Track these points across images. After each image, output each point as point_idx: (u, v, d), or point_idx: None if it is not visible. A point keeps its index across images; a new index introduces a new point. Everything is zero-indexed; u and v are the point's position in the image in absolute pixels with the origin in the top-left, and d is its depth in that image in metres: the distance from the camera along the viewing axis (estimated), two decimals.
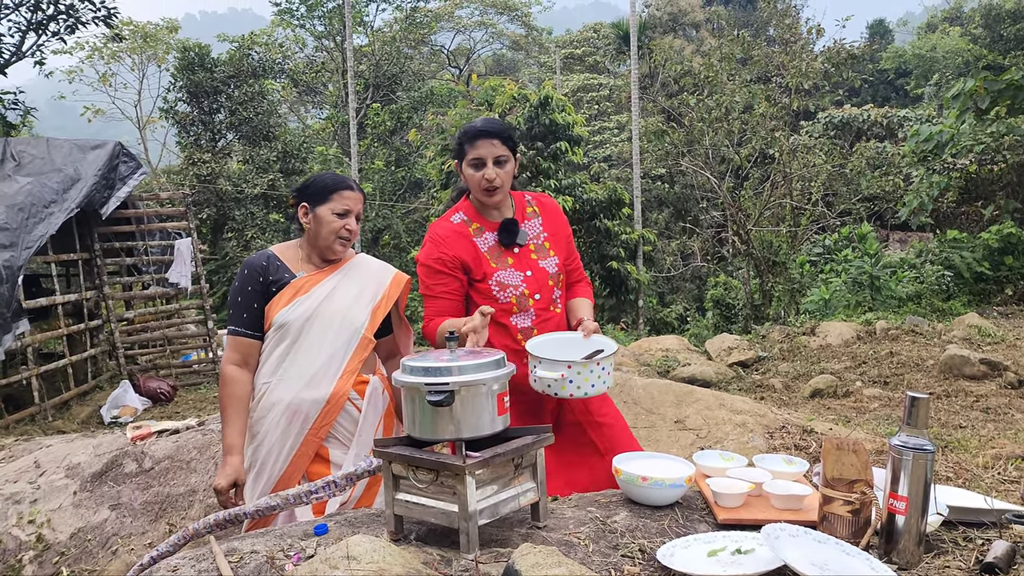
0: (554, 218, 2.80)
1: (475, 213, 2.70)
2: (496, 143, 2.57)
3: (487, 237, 2.66)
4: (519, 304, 2.61)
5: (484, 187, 2.58)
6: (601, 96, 27.99)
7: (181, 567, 1.65)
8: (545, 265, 2.69)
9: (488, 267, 2.62)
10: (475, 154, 2.57)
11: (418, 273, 2.68)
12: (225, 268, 20.02)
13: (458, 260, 2.60)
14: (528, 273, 2.65)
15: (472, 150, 2.57)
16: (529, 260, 2.67)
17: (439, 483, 1.70)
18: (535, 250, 2.70)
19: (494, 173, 2.56)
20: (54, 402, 8.43)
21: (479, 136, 2.57)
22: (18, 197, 7.96)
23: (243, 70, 21.72)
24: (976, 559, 1.64)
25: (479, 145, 2.57)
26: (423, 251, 2.67)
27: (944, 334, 9.12)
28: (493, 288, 2.61)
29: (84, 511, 3.69)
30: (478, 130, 2.59)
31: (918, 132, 13.14)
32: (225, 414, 2.45)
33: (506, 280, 2.61)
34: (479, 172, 2.57)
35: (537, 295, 2.64)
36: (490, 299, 2.60)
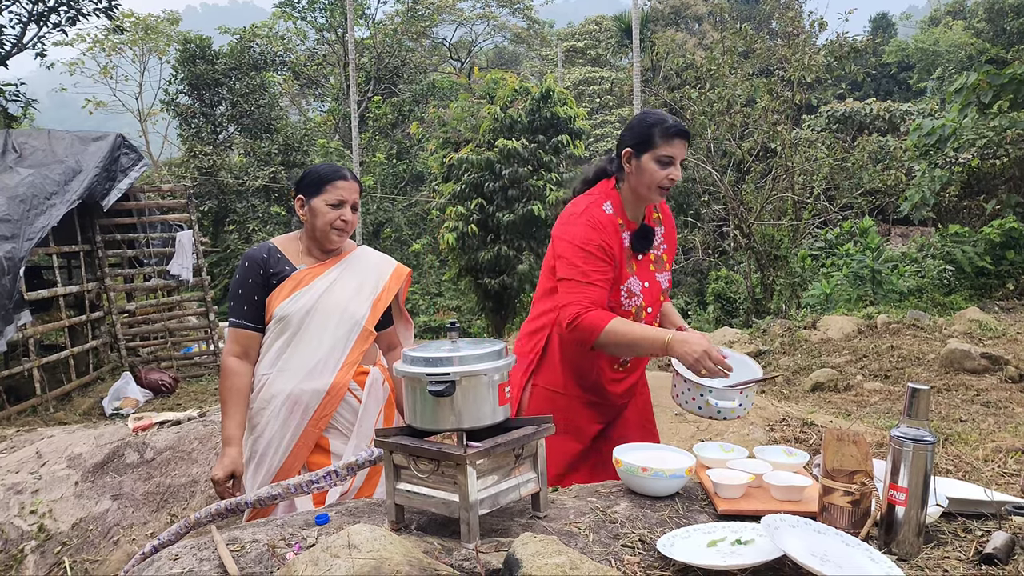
0: (672, 230, 2.69)
1: (621, 208, 2.50)
2: (686, 145, 2.44)
3: (626, 237, 2.50)
4: (636, 316, 2.51)
5: (664, 186, 2.42)
6: (603, 89, 27.96)
7: (183, 556, 1.66)
8: (660, 279, 2.59)
9: (625, 269, 2.49)
10: (669, 151, 2.39)
11: (566, 255, 2.41)
12: (226, 260, 20.04)
13: (613, 252, 2.43)
14: (646, 284, 2.54)
15: (666, 146, 2.39)
16: (648, 271, 2.56)
17: (440, 473, 1.70)
18: (654, 260, 2.58)
19: (679, 176, 2.42)
20: (56, 393, 8.45)
21: (680, 135, 2.40)
22: (20, 189, 7.97)
23: (244, 62, 21.71)
24: (976, 550, 1.64)
25: (676, 144, 2.40)
26: (579, 232, 2.41)
27: (945, 328, 9.12)
28: (623, 292, 2.49)
29: (86, 501, 3.70)
30: (680, 128, 2.41)
31: (920, 126, 13.13)
32: (225, 406, 2.46)
33: (634, 288, 2.50)
34: (664, 170, 2.40)
35: (649, 308, 2.55)
36: (615, 304, 2.48)
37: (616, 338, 2.32)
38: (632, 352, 2.46)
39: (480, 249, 13.38)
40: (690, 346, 2.27)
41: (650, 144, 2.39)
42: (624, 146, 2.46)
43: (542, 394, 2.58)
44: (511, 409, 2.57)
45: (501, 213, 13.00)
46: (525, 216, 12.89)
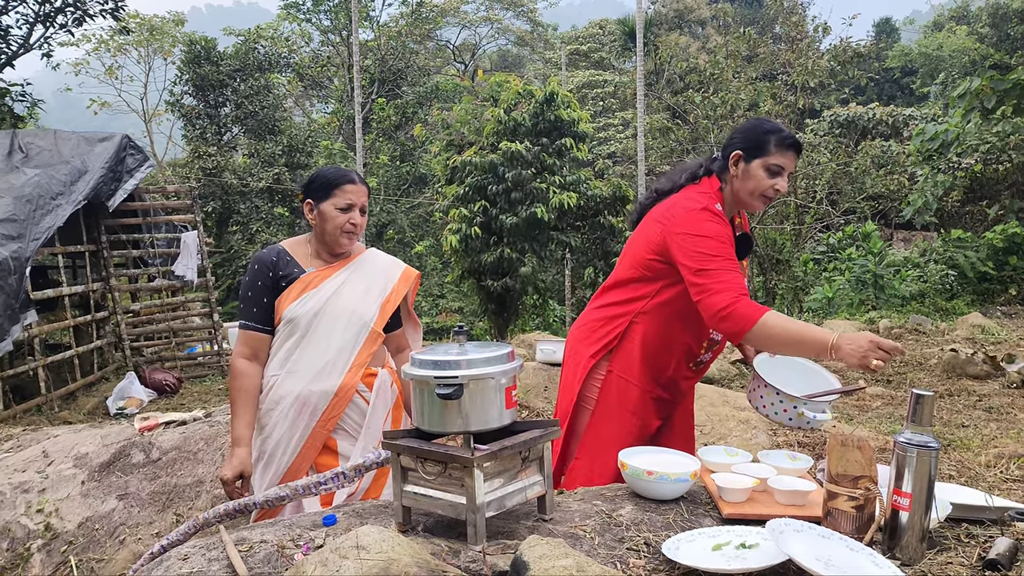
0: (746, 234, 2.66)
1: (722, 209, 2.45)
2: (796, 160, 2.42)
3: None
4: None
5: (768, 196, 2.41)
6: (606, 93, 27.98)
7: (192, 555, 1.67)
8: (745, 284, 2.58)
9: None
10: (779, 161, 2.37)
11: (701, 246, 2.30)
12: (230, 261, 20.07)
13: None
14: None
15: (779, 156, 2.37)
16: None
17: (447, 475, 1.72)
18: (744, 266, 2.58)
19: (785, 188, 2.41)
20: (60, 393, 8.47)
21: (793, 147, 2.38)
22: (26, 189, 8.00)
23: (249, 64, 21.76)
24: (979, 556, 1.65)
25: (789, 155, 2.38)
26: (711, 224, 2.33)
27: (947, 333, 9.13)
28: None
29: (92, 501, 3.72)
30: (795, 141, 2.39)
31: (923, 131, 13.14)
32: (234, 406, 2.47)
33: None
34: (772, 180, 2.38)
35: None
36: None
37: (773, 332, 2.18)
38: (786, 350, 2.33)
39: (483, 251, 13.38)
40: (857, 344, 2.09)
41: (763, 151, 2.37)
42: (734, 148, 2.43)
43: (617, 382, 2.53)
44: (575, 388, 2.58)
45: (504, 215, 13.00)
46: (528, 219, 12.89)
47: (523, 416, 5.87)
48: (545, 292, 14.33)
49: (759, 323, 2.17)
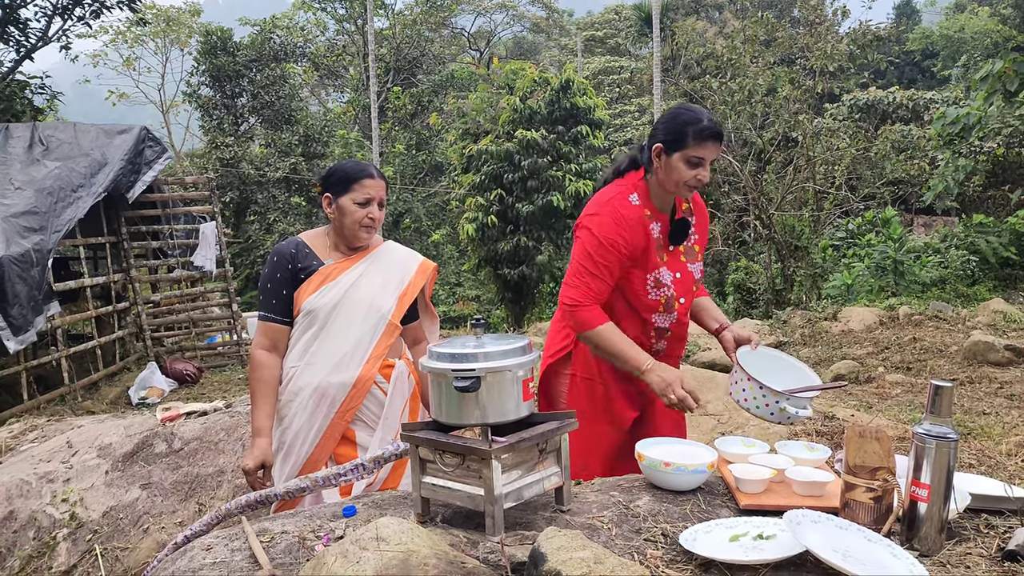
0: (704, 220, 2.69)
1: (647, 198, 2.51)
2: (720, 147, 2.43)
3: (655, 227, 2.51)
4: (666, 305, 2.53)
5: (692, 186, 2.43)
6: (622, 79, 27.82)
7: (215, 546, 1.70)
8: (692, 269, 2.61)
9: (654, 260, 2.50)
10: (699, 153, 2.38)
11: (584, 242, 2.46)
12: (248, 251, 20.20)
13: (633, 248, 2.45)
14: (678, 275, 2.55)
15: (698, 148, 2.38)
16: (679, 262, 2.57)
17: (465, 467, 1.73)
18: (685, 252, 2.59)
19: (707, 176, 2.42)
20: (83, 383, 8.58)
21: (713, 138, 2.39)
22: (47, 181, 8.09)
23: (265, 54, 21.83)
24: (998, 546, 1.65)
25: (708, 147, 2.39)
26: (598, 224, 2.45)
27: (968, 320, 9.04)
28: (649, 282, 2.50)
29: (116, 490, 3.77)
30: (713, 131, 2.39)
31: (944, 115, 12.96)
32: (254, 398, 2.50)
33: (663, 279, 2.51)
34: (693, 171, 2.40)
35: (683, 299, 2.56)
36: (640, 292, 2.50)
37: (601, 342, 2.41)
38: (610, 359, 2.48)
39: (499, 240, 13.39)
40: (664, 377, 2.33)
41: (682, 143, 2.39)
42: (655, 140, 2.46)
43: (582, 384, 2.62)
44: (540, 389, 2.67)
45: (520, 204, 13.00)
46: (544, 207, 12.88)
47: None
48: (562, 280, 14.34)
49: (595, 331, 2.40)
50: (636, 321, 2.54)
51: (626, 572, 1.34)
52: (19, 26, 14.04)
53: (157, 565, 1.80)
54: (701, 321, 2.71)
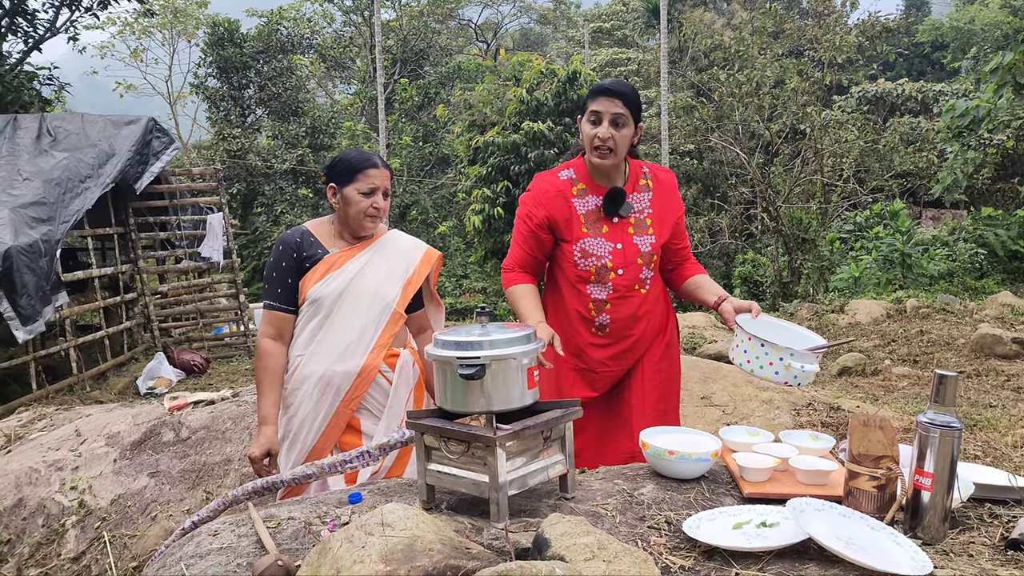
0: (666, 195, 2.70)
1: (585, 174, 2.62)
2: (617, 102, 2.47)
3: (588, 200, 2.59)
4: (597, 276, 2.58)
5: (595, 145, 2.50)
6: (630, 71, 27.69)
7: (222, 531, 1.71)
8: (639, 242, 2.61)
9: (578, 231, 2.57)
10: (594, 107, 2.48)
11: (517, 212, 2.69)
12: (255, 242, 20.24)
13: (547, 220, 2.58)
14: (618, 246, 2.59)
15: (592, 103, 2.49)
16: (625, 233, 2.60)
17: (470, 454, 1.74)
18: (634, 224, 2.62)
19: (608, 132, 2.46)
20: (92, 373, 8.63)
21: (602, 92, 2.48)
22: (55, 172, 8.11)
23: (272, 45, 21.83)
24: (1001, 535, 1.65)
25: (599, 100, 2.47)
26: (524, 196, 2.67)
27: (976, 313, 9.01)
28: (575, 253, 2.58)
29: (124, 478, 3.80)
30: (603, 86, 2.50)
31: (954, 107, 12.88)
32: (260, 386, 2.51)
33: (591, 249, 2.57)
34: (593, 129, 2.49)
35: (620, 270, 2.58)
36: (570, 264, 2.60)
37: (510, 301, 2.62)
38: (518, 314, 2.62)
39: (506, 232, 13.37)
40: None
41: (584, 108, 2.53)
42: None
43: None
44: None
45: None
46: None
47: None
48: None
49: (507, 290, 2.62)
50: (573, 293, 2.63)
51: (629, 558, 1.34)
52: (27, 17, 14.07)
53: (165, 550, 1.81)
54: (699, 297, 2.69)
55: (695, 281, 2.71)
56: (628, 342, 2.67)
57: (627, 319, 2.64)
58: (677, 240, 2.72)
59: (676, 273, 2.76)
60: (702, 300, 2.68)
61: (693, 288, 2.71)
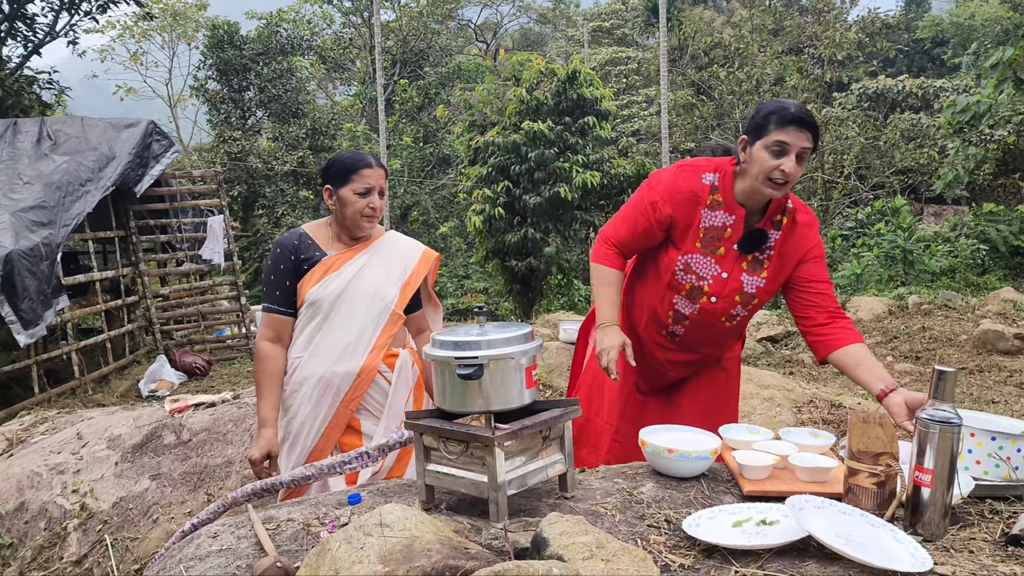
0: (797, 239, 2.40)
1: (729, 187, 2.36)
2: (808, 136, 2.20)
3: (718, 216, 2.37)
4: (690, 294, 2.44)
5: (776, 179, 2.21)
6: (630, 69, 27.70)
7: (221, 533, 1.71)
8: (746, 280, 2.41)
9: (691, 244, 2.39)
10: (782, 138, 2.18)
11: (639, 188, 2.48)
12: (256, 245, 20.24)
13: (670, 219, 2.39)
14: (724, 275, 2.40)
15: (780, 133, 2.19)
16: (737, 266, 2.40)
17: (469, 454, 1.74)
18: (751, 260, 2.40)
19: (794, 167, 2.20)
20: (94, 376, 8.63)
21: (794, 122, 2.18)
22: (55, 176, 8.12)
23: (272, 47, 21.83)
24: (1002, 531, 1.65)
25: (790, 132, 2.18)
26: (651, 182, 2.46)
27: (978, 309, 9.00)
28: (678, 264, 2.42)
29: (125, 481, 3.80)
30: (796, 116, 2.19)
31: (954, 103, 12.85)
32: (259, 389, 2.51)
33: (695, 267, 2.40)
34: (777, 160, 2.19)
35: (714, 298, 2.42)
36: (666, 270, 2.44)
37: (593, 276, 2.51)
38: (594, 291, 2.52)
39: (507, 232, 13.38)
40: (603, 342, 2.33)
41: (764, 131, 2.22)
42: (743, 133, 2.34)
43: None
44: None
45: (528, 195, 12.97)
46: (552, 198, 12.85)
47: (546, 395, 5.89)
48: (570, 272, 14.30)
49: (595, 264, 2.51)
50: (658, 292, 2.50)
51: (628, 556, 1.34)
52: (26, 21, 14.08)
53: (165, 553, 1.81)
54: (858, 378, 2.24)
55: (853, 355, 2.26)
56: (693, 356, 2.63)
57: (702, 338, 2.56)
58: (817, 287, 2.39)
59: (822, 337, 2.34)
60: (863, 384, 2.23)
61: (851, 365, 2.25)
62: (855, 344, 2.27)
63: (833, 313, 2.36)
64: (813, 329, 2.36)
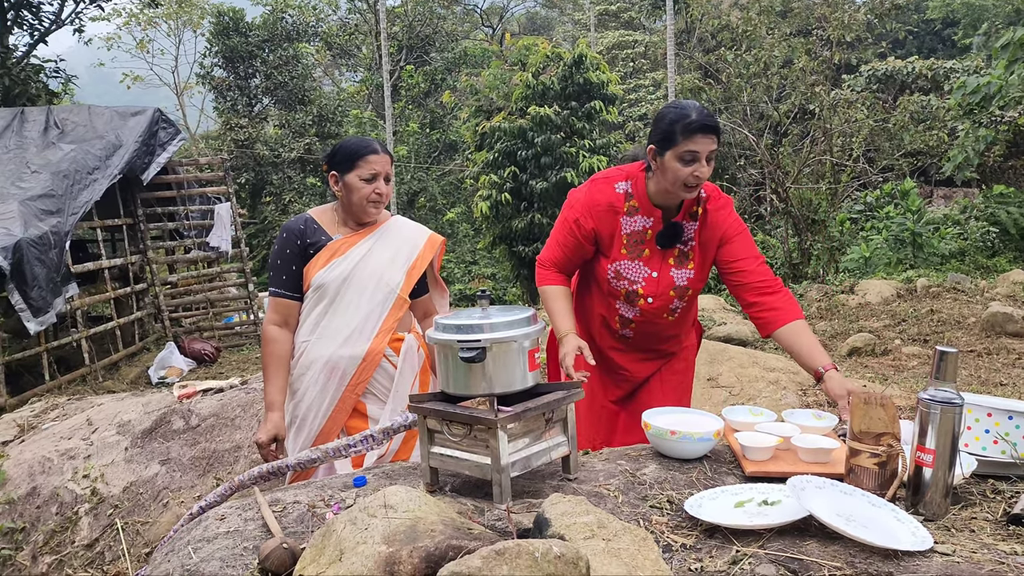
0: (714, 225, 2.49)
1: (642, 192, 2.45)
2: (714, 139, 2.28)
3: (636, 220, 2.46)
4: (627, 298, 2.53)
5: (690, 184, 2.30)
6: (636, 53, 27.52)
7: (228, 515, 1.73)
8: (676, 275, 2.50)
9: (617, 251, 2.49)
10: (691, 147, 2.25)
11: (562, 209, 2.59)
12: (264, 232, 20.28)
13: (594, 232, 2.49)
14: (654, 275, 2.49)
15: (688, 143, 2.25)
16: (664, 263, 2.50)
17: (472, 437, 1.75)
18: (676, 256, 2.50)
19: (705, 170, 2.29)
20: (103, 363, 8.70)
21: (700, 130, 2.25)
22: (63, 164, 8.15)
23: (277, 34, 21.78)
24: (1004, 511, 1.65)
25: (698, 140, 2.25)
26: (571, 201, 2.55)
27: (987, 291, 8.96)
28: (609, 272, 2.52)
29: (135, 466, 3.84)
30: (700, 123, 2.26)
31: (965, 84, 12.73)
32: (266, 372, 2.53)
33: (625, 272, 2.49)
34: (688, 168, 2.28)
35: (650, 298, 2.51)
36: (602, 280, 2.55)
37: (544, 301, 2.57)
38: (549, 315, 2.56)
39: (514, 217, 13.38)
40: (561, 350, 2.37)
41: (671, 141, 2.29)
42: (649, 142, 2.40)
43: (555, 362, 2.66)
44: None
45: (534, 181, 12.96)
46: (558, 184, 12.84)
47: None
48: None
49: (541, 288, 2.58)
50: (602, 301, 2.63)
51: (629, 536, 1.35)
52: (32, 10, 14.09)
53: (173, 535, 1.84)
54: (797, 357, 2.35)
55: (793, 331, 2.35)
56: (649, 353, 2.71)
57: (651, 336, 2.65)
58: (747, 263, 2.46)
59: (759, 316, 2.41)
60: (800, 364, 2.36)
61: (787, 345, 2.37)
62: (791, 323, 2.35)
63: (761, 289, 2.42)
64: (748, 310, 2.46)
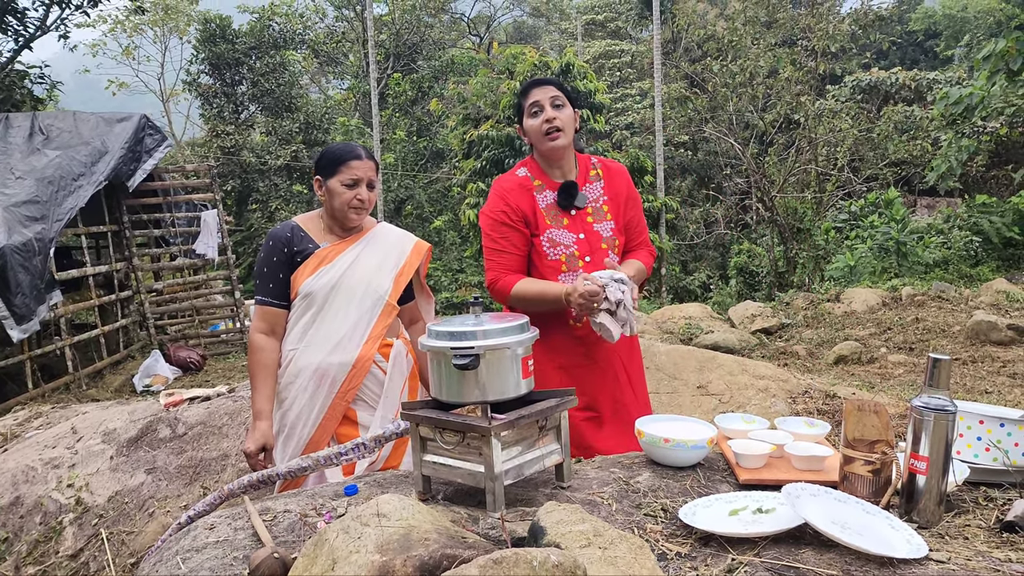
0: (617, 182, 2.78)
1: (539, 170, 2.70)
2: (550, 88, 2.59)
3: (547, 195, 2.67)
4: (568, 264, 2.62)
5: (546, 130, 2.57)
6: (623, 62, 27.66)
7: (218, 525, 1.71)
8: (600, 228, 2.68)
9: (543, 223, 2.64)
10: (531, 100, 2.58)
11: (482, 227, 2.69)
12: (250, 239, 20.19)
13: (521, 212, 2.62)
14: (581, 236, 2.64)
15: (528, 99, 2.59)
16: (585, 223, 2.67)
17: (465, 444, 1.74)
18: (592, 213, 2.69)
19: (553, 113, 2.55)
20: (88, 371, 8.61)
21: (532, 85, 2.61)
22: (47, 171, 8.08)
23: (264, 41, 21.73)
24: (997, 518, 1.65)
25: (533, 93, 2.59)
26: (487, 204, 2.69)
27: (971, 300, 9.03)
28: (544, 244, 2.63)
29: (121, 475, 3.79)
30: (531, 81, 2.64)
31: (947, 95, 12.86)
32: (254, 381, 2.51)
33: (558, 238, 2.62)
34: (538, 119, 2.57)
35: (588, 257, 2.64)
36: (541, 256, 2.64)
37: (524, 295, 2.55)
38: (543, 306, 2.54)
39: None
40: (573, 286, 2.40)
41: (520, 110, 2.64)
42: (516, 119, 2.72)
43: None
44: None
45: None
46: None
47: None
48: None
49: (512, 293, 2.56)
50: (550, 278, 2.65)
51: (625, 544, 1.34)
52: (17, 15, 13.97)
53: (162, 544, 1.81)
54: None
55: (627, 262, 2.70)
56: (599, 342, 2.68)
57: None
58: (633, 226, 2.78)
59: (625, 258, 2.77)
60: None
61: None
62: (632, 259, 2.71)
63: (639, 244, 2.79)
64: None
